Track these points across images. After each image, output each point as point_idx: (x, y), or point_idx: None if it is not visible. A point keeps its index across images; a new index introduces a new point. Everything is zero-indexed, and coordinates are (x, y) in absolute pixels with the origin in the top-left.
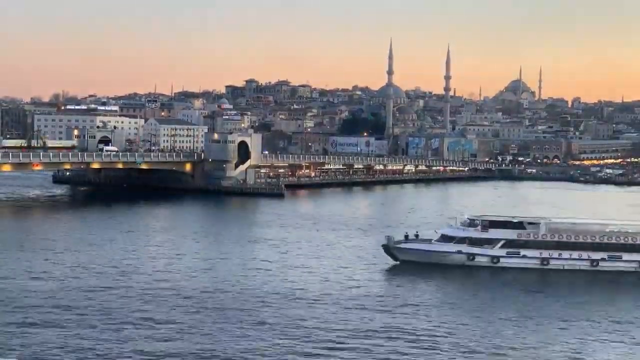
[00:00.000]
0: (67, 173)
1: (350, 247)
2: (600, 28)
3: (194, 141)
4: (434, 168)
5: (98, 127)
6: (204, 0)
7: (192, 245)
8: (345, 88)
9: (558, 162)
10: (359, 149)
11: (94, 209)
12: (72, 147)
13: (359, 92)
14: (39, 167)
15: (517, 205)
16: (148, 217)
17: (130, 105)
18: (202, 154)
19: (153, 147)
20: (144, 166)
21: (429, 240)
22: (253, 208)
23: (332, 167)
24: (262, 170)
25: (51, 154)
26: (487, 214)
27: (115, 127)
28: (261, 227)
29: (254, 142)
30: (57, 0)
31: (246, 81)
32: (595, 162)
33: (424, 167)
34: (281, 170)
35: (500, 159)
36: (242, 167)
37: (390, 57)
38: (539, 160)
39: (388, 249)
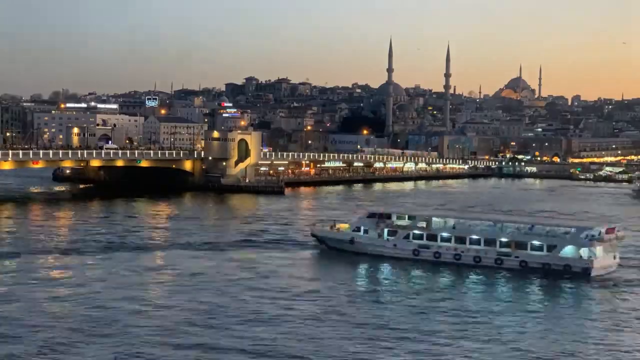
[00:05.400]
0: (67, 171)
1: None
2: (601, 26)
3: (193, 139)
4: (434, 166)
5: (98, 125)
6: None
7: None
8: (345, 86)
9: (558, 160)
10: (358, 146)
11: (93, 206)
12: None
13: (358, 90)
14: (40, 165)
15: None
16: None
17: (130, 103)
18: (202, 152)
19: (153, 145)
20: (143, 164)
21: None
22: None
23: (331, 164)
24: (261, 168)
25: (51, 152)
26: None
27: (115, 125)
28: None
29: (254, 140)
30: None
31: (246, 79)
32: (595, 160)
33: (423, 165)
34: (281, 168)
35: (500, 157)
36: (242, 165)
37: (390, 55)
38: (538, 158)
39: None
